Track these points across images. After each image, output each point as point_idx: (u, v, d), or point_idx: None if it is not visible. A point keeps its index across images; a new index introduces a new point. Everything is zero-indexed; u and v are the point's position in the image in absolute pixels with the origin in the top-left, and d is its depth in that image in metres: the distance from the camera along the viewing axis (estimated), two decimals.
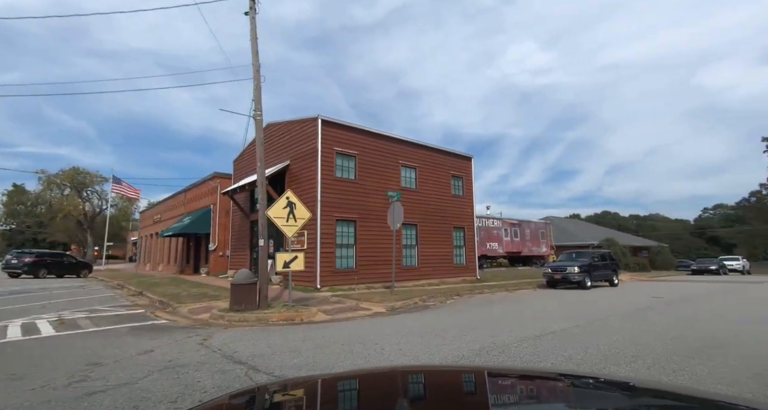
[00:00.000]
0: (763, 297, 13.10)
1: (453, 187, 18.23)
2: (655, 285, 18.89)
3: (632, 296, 12.86)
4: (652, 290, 15.34)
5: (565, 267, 16.09)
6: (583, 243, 34.27)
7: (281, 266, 8.60)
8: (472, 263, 18.41)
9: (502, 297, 12.99)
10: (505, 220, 25.81)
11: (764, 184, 55.18)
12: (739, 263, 33.19)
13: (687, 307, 10.22)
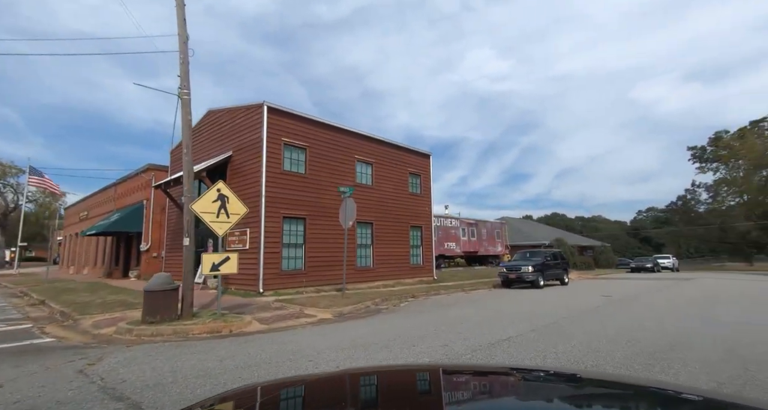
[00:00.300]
0: (696, 294, 13.84)
1: (411, 185, 17.69)
2: (602, 283, 19.68)
3: (583, 296, 13.02)
4: (600, 289, 15.80)
5: (519, 267, 16.15)
6: (535, 243, 35.54)
7: (209, 269, 7.39)
8: (429, 263, 18.01)
9: (458, 299, 12.59)
10: (462, 220, 25.89)
11: (689, 189, 61.15)
12: (669, 261, 36.17)
13: (635, 306, 10.36)
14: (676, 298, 12.18)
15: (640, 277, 25.21)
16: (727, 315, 8.49)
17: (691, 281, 20.33)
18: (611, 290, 15.09)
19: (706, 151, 56.54)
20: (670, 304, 10.66)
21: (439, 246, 23.54)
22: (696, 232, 61.98)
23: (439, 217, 24.01)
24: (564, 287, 16.56)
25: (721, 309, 9.58)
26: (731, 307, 10.03)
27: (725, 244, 59.48)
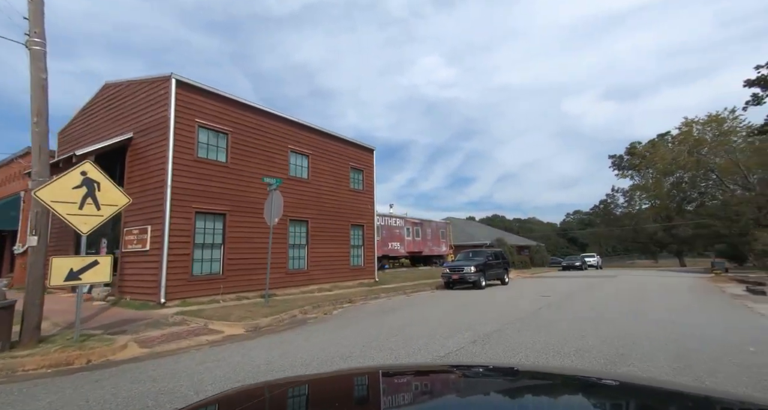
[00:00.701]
0: (624, 292, 14.42)
1: (352, 180, 16.50)
2: (539, 282, 20.21)
3: (523, 296, 12.84)
4: (538, 288, 15.96)
5: (462, 267, 15.75)
6: (478, 243, 36.35)
7: (62, 279, 5.50)
8: (371, 264, 16.96)
9: (399, 303, 11.67)
10: (407, 219, 25.35)
11: (609, 194, 67.79)
12: (594, 259, 39.29)
13: (575, 306, 10.21)
14: (608, 297, 12.44)
15: (571, 275, 26.68)
16: (660, 315, 8.50)
17: (615, 278, 21.75)
18: (549, 289, 15.27)
19: (624, 159, 63.22)
20: (606, 304, 10.71)
21: (383, 246, 22.69)
22: (614, 233, 68.69)
23: (383, 216, 23.16)
24: (505, 288, 16.53)
25: (650, 307, 9.74)
26: (659, 306, 10.29)
27: (637, 243, 66.86)
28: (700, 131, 29.00)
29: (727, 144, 25.70)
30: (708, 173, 28.90)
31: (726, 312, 9.08)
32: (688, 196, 36.79)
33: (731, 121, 26.98)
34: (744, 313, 8.93)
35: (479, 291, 14.75)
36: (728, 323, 7.64)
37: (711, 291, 13.98)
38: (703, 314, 8.64)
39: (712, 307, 9.76)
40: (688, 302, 10.61)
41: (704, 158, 27.22)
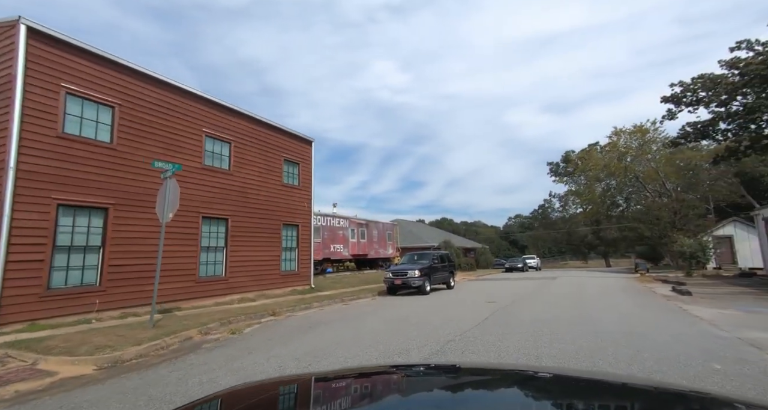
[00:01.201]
0: (567, 296, 14.19)
1: (286, 174, 14.57)
2: (484, 285, 19.78)
3: (469, 303, 11.91)
4: (484, 292, 15.28)
5: (405, 271, 14.55)
6: (426, 245, 35.87)
7: None
8: (307, 268, 15.12)
9: (331, 314, 10.07)
10: (352, 219, 23.77)
11: (547, 199, 72.39)
12: (534, 261, 40.86)
13: (522, 315, 9.38)
14: (554, 303, 11.95)
15: (514, 277, 27.00)
16: (610, 325, 7.85)
17: (555, 280, 22.12)
18: (494, 294, 14.61)
19: (560, 167, 67.80)
20: (553, 312, 10.06)
21: (324, 248, 20.90)
22: (551, 235, 73.40)
23: (325, 216, 21.38)
24: (450, 293, 15.63)
25: (597, 315, 9.19)
26: (605, 313, 9.84)
27: (570, 245, 72.08)
28: (627, 140, 31.32)
29: (649, 153, 28.02)
30: (634, 179, 31.32)
31: (669, 317, 8.79)
32: (615, 201, 39.77)
33: (653, 132, 29.43)
34: (684, 318, 8.68)
35: (423, 297, 13.64)
36: (675, 329, 7.16)
37: (644, 293, 14.27)
38: (650, 321, 8.21)
39: (654, 312, 9.51)
40: (631, 308, 10.34)
41: (630, 165, 29.48)
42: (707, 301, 11.52)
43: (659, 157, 30.06)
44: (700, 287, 15.62)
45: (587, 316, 8.72)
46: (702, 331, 7.02)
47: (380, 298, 13.96)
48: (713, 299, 11.86)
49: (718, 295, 13.00)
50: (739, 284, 17.70)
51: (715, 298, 12.14)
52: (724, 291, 14.27)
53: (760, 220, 20.59)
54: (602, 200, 37.50)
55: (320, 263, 20.86)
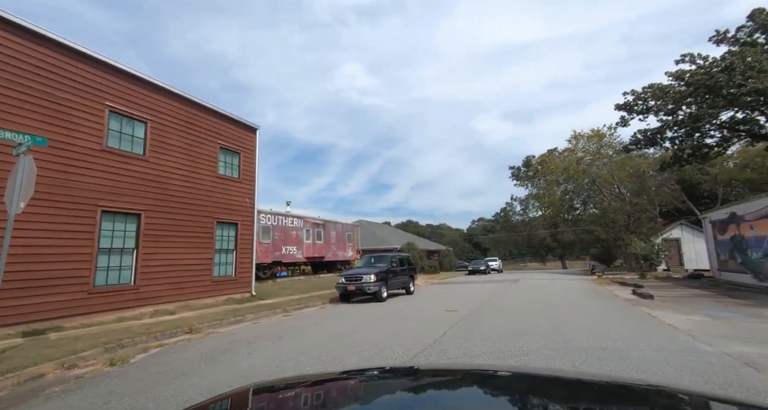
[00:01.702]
0: (532, 302, 13.35)
1: (222, 165, 12.57)
2: (446, 290, 18.72)
3: (427, 313, 10.61)
4: (445, 299, 14.10)
5: (360, 276, 13.03)
6: (389, 247, 34.62)
7: None
8: (247, 273, 13.17)
9: (266, 328, 8.34)
10: (307, 219, 21.87)
11: (508, 202, 74.12)
12: (496, 263, 40.91)
13: (485, 329, 8.19)
14: (519, 312, 10.96)
15: (477, 280, 26.36)
16: (582, 340, 6.82)
17: (517, 283, 21.59)
18: (455, 300, 13.46)
19: (521, 170, 69.68)
20: (519, 323, 8.97)
21: (275, 250, 18.90)
22: (512, 238, 75.28)
23: (276, 215, 19.37)
24: (409, 299, 14.31)
25: (566, 326, 8.20)
26: (574, 323, 8.90)
27: (530, 248, 74.31)
28: (585, 144, 32.07)
29: (605, 157, 28.79)
30: (591, 183, 32.11)
31: (642, 327, 7.94)
32: (573, 204, 40.86)
33: (609, 136, 30.28)
34: (658, 327, 7.89)
35: (379, 305, 12.19)
36: (654, 343, 6.23)
37: (608, 297, 13.77)
38: (624, 333, 7.30)
39: (625, 321, 8.69)
40: (600, 316, 9.51)
41: (588, 168, 30.17)
42: (671, 305, 11.07)
43: (614, 162, 30.95)
44: (657, 290, 15.49)
45: (557, 329, 7.69)
46: (684, 345, 6.13)
47: (330, 307, 12.35)
48: (676, 304, 11.46)
49: (678, 298, 12.71)
50: (691, 285, 17.96)
51: (678, 302, 11.77)
52: (682, 294, 14.13)
53: (708, 223, 21.27)
54: (561, 202, 38.29)
55: (269, 267, 18.84)
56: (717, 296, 13.11)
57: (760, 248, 15.93)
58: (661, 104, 31.03)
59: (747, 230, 16.87)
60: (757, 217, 16.01)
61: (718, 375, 4.53)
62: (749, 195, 49.78)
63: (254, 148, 13.80)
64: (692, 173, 42.07)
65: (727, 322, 8.15)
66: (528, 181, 48.24)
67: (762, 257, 15.82)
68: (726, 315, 9.04)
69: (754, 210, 16.24)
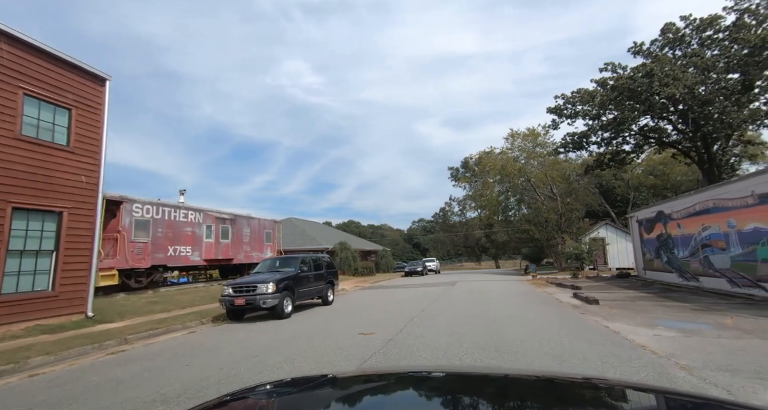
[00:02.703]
0: (471, 317, 11.13)
1: (33, 123, 8.34)
2: (375, 296, 16.04)
3: (338, 334, 7.69)
4: (370, 311, 11.31)
5: (254, 285, 9.65)
6: (319, 247, 31.24)
7: None
8: (81, 286, 9.02)
9: (46, 384, 4.71)
10: (209, 213, 17.63)
11: (447, 202, 74.91)
12: (434, 264, 39.62)
13: (412, 358, 5.47)
14: (457, 325, 8.51)
15: (412, 283, 24.20)
16: (542, 364, 4.38)
17: (455, 286, 19.72)
18: (379, 315, 10.66)
19: (459, 171, 70.69)
20: (458, 347, 6.42)
21: (158, 252, 14.54)
22: (450, 238, 76.21)
23: (158, 206, 14.97)
24: (323, 312, 11.25)
25: (519, 345, 5.83)
26: (528, 338, 6.58)
27: (466, 248, 75.80)
28: (521, 143, 32.00)
29: (540, 156, 28.90)
30: (526, 182, 32.18)
31: (607, 349, 5.88)
32: (509, 204, 41.22)
33: (543, 136, 30.47)
34: (624, 346, 5.93)
35: (276, 326, 8.96)
36: (634, 375, 4.01)
37: (551, 303, 12.13)
38: (588, 358, 5.14)
39: (582, 339, 6.65)
40: (553, 333, 7.43)
41: (524, 167, 30.10)
42: (621, 313, 9.56)
43: (547, 162, 31.22)
44: (596, 292, 14.44)
45: (506, 348, 5.31)
46: (684, 383, 4.01)
47: (206, 330, 8.82)
48: (625, 310, 10.03)
49: (623, 303, 11.45)
50: (623, 285, 17.49)
51: (625, 308, 10.37)
52: (622, 297, 13.07)
53: (634, 222, 21.42)
54: (497, 203, 38.23)
55: (148, 273, 14.46)
56: (657, 299, 12.16)
57: (686, 246, 15.74)
58: (588, 109, 32.11)
59: (674, 228, 16.72)
60: (685, 215, 15.81)
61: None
62: (653, 199, 55.42)
63: (101, 106, 9.65)
64: (608, 179, 45.40)
65: (703, 339, 6.47)
66: (466, 182, 48.13)
67: (688, 256, 15.63)
68: (691, 327, 7.53)
69: (682, 208, 16.06)
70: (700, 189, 15.97)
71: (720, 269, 13.37)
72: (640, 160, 37.00)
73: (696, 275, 14.91)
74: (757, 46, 23.83)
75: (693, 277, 15.01)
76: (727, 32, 26.03)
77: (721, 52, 26.12)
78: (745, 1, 25.41)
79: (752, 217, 11.77)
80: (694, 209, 15.06)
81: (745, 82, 25.79)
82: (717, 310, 9.45)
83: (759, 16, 24.95)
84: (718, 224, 13.56)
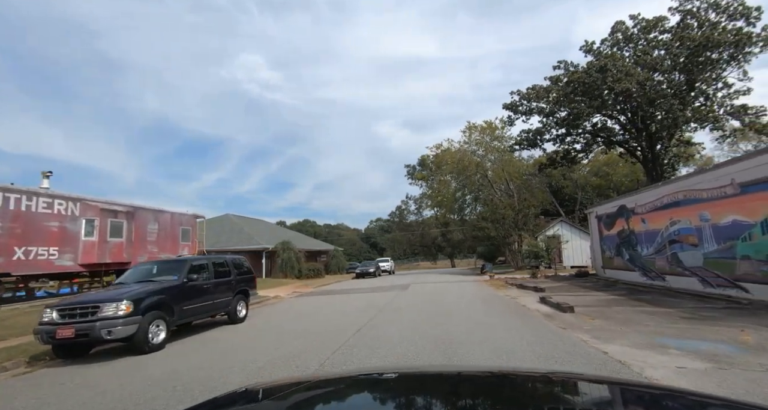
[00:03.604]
0: (428, 319, 8.58)
1: None
2: (311, 307, 13.01)
3: (220, 376, 4.65)
4: (293, 331, 8.29)
5: (95, 306, 6.27)
6: (257, 247, 27.46)
7: None
8: None
9: None
10: (89, 203, 13.29)
11: (404, 200, 73.54)
12: (388, 264, 37.22)
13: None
14: (409, 346, 5.81)
15: (361, 287, 21.45)
16: None
17: (407, 290, 17.27)
18: (304, 338, 7.73)
19: (416, 169, 69.42)
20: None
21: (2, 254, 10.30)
22: (406, 237, 74.95)
23: (4, 190, 10.64)
24: (223, 335, 8.04)
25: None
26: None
27: (423, 247, 74.85)
28: (479, 135, 30.65)
29: (498, 151, 27.73)
30: (483, 177, 30.93)
31: None
32: (465, 200, 40.08)
33: (501, 130, 29.34)
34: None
35: (131, 366, 5.69)
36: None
37: (518, 312, 9.93)
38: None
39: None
40: (525, 352, 5.06)
41: (482, 162, 28.78)
42: (604, 324, 7.58)
43: (504, 159, 30.16)
44: (560, 294, 12.70)
45: None
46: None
47: (11, 378, 5.35)
48: (606, 320, 8.08)
49: (597, 309, 9.59)
50: (586, 286, 16.11)
51: (606, 317, 8.42)
52: (593, 301, 11.32)
53: (593, 218, 20.41)
54: (453, 199, 36.76)
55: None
56: (632, 303, 10.50)
57: (651, 243, 14.57)
58: (543, 106, 31.59)
59: (638, 223, 15.57)
60: (650, 209, 14.62)
61: None
62: (597, 199, 57.68)
63: None
64: (558, 179, 46.31)
65: (745, 372, 4.42)
66: (422, 178, 46.51)
67: (653, 253, 14.47)
68: (708, 349, 5.55)
69: (647, 202, 14.89)
70: (669, 180, 14.94)
71: (690, 267, 12.09)
72: (587, 160, 37.48)
73: (662, 274, 13.68)
74: (700, 45, 24.25)
75: (659, 276, 13.79)
76: (672, 33, 26.46)
77: (666, 51, 26.49)
78: (689, 3, 25.95)
79: (731, 209, 10.41)
80: (661, 202, 13.84)
81: (689, 81, 26.40)
82: (710, 318, 7.77)
83: (700, 19, 25.55)
84: (689, 217, 12.26)
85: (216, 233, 30.01)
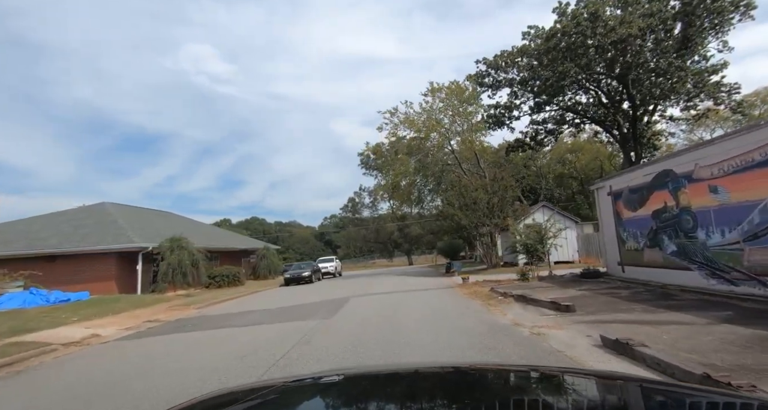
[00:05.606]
0: None
1: None
2: (99, 373, 5.29)
3: None
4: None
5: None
6: (130, 246, 18.71)
7: None
8: None
9: None
10: None
11: (357, 192, 66.89)
12: (332, 264, 29.78)
13: None
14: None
15: (278, 302, 13.84)
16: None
17: (339, 312, 10.03)
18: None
19: (371, 158, 62.71)
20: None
21: None
22: (360, 233, 68.62)
23: None
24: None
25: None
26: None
27: (378, 243, 68.77)
28: (442, 104, 24.32)
29: (468, 115, 21.82)
30: (450, 153, 24.80)
31: None
32: (425, 191, 33.83)
33: (468, 93, 23.26)
34: None
35: None
36: None
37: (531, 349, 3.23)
38: None
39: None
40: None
41: (449, 129, 22.66)
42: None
43: (474, 129, 24.14)
44: (620, 322, 6.30)
45: None
46: None
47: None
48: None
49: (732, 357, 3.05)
50: (623, 296, 10.00)
51: None
52: (681, 333, 4.91)
53: (605, 195, 14.50)
54: (413, 179, 30.14)
55: None
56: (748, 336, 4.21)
57: (732, 224, 8.72)
58: (513, 76, 25.93)
59: (701, 195, 9.62)
60: (733, 169, 8.73)
61: None
62: (558, 190, 54.22)
63: None
64: (519, 168, 41.95)
65: None
66: (379, 156, 39.83)
67: (738, 240, 8.64)
68: None
69: (726, 158, 8.98)
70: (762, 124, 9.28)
71: None
72: (554, 143, 32.72)
73: (757, 275, 7.77)
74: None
75: (750, 278, 7.87)
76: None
77: None
78: None
79: None
80: (751, 158, 7.92)
81: (686, 34, 22.13)
82: None
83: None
84: None
85: (75, 227, 20.87)
